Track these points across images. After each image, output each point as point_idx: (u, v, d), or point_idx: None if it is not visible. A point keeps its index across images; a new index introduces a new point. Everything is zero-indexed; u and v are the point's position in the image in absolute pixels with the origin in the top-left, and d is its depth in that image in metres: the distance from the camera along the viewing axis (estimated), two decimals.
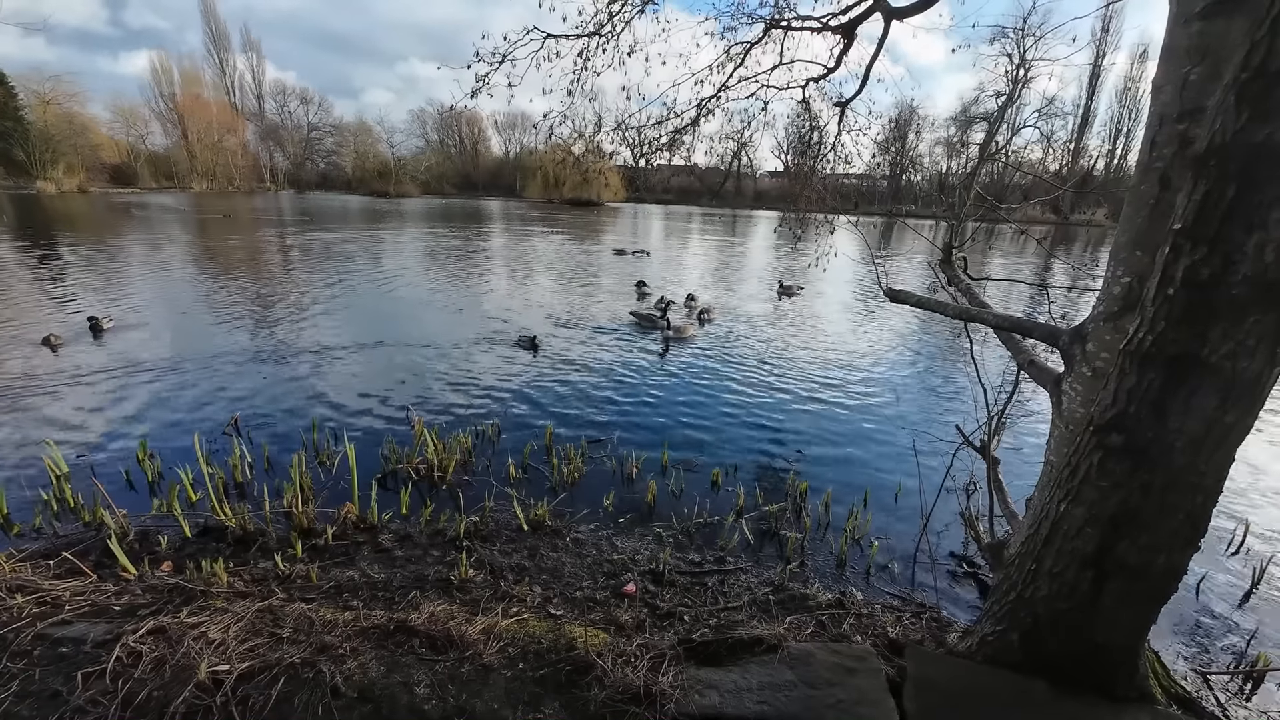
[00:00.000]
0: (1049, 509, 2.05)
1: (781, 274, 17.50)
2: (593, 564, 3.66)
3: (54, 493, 4.19)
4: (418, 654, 2.38)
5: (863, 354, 9.53)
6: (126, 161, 59.11)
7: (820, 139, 6.16)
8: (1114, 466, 1.81)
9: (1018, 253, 25.88)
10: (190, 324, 9.74)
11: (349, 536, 3.83)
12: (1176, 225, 1.58)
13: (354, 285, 13.72)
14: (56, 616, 2.51)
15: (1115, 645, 2.06)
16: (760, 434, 6.16)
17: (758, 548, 4.09)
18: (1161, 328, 1.64)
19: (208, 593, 2.86)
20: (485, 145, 75.45)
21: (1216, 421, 1.63)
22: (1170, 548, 1.85)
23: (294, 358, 8.07)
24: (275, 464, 5.01)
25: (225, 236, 23.21)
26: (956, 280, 3.86)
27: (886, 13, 4.54)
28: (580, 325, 10.61)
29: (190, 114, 60.49)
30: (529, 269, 17.54)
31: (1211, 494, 1.77)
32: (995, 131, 5.21)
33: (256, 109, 69.26)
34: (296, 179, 69.97)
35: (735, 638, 2.52)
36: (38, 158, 48.65)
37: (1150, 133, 2.06)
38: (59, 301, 10.70)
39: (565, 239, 26.75)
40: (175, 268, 15.27)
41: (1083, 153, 57.45)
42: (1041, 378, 2.69)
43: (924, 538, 4.02)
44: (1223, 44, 1.82)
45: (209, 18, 64.84)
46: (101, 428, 5.61)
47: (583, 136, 6.20)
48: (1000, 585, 2.32)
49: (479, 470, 5.06)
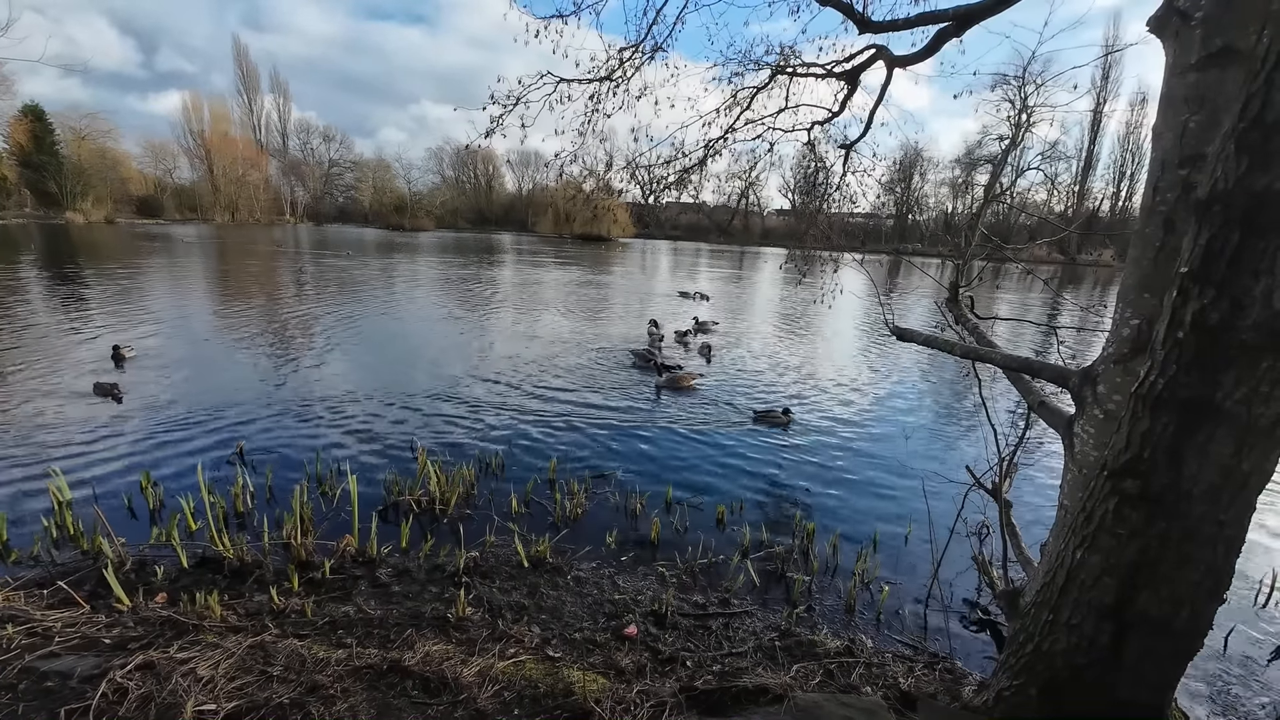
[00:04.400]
0: (1064, 556, 1.98)
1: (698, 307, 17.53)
2: (594, 604, 3.57)
3: (55, 520, 4.18)
4: (410, 696, 2.30)
5: (870, 392, 9.46)
6: (153, 194, 61.21)
7: (826, 179, 6.29)
8: (1130, 513, 1.76)
9: (1025, 292, 25.91)
10: (206, 352, 9.87)
11: (347, 570, 3.77)
12: (1184, 269, 1.57)
13: (380, 314, 13.92)
14: (45, 649, 2.46)
15: (1139, 703, 1.95)
16: (766, 471, 6.06)
17: (763, 589, 3.97)
18: (1173, 371, 1.62)
19: (200, 626, 2.81)
20: (499, 181, 77.66)
21: (1234, 469, 1.58)
22: (1193, 600, 1.77)
23: (303, 387, 8.12)
24: (277, 494, 4.98)
25: (263, 266, 23.75)
26: (963, 319, 3.85)
27: (889, 61, 4.68)
28: (589, 360, 10.64)
29: (217, 150, 62.85)
30: (538, 302, 17.74)
31: (1234, 544, 1.71)
32: (999, 173, 5.29)
33: (280, 145, 71.93)
34: (315, 212, 71.97)
35: (740, 686, 2.43)
36: (69, 190, 50.49)
37: (1153, 178, 2.08)
38: (75, 328, 10.91)
39: (576, 273, 27.11)
40: (192, 295, 15.60)
41: (1087, 194, 58.06)
42: (1053, 420, 2.65)
43: (935, 583, 3.89)
44: (1219, 93, 1.85)
45: (240, 60, 68.07)
46: (107, 454, 5.63)
47: (593, 174, 6.36)
48: (1016, 636, 2.22)
49: (481, 504, 5.00)
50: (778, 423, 7.41)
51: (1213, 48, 1.88)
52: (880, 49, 4.73)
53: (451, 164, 74.18)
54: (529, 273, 26.44)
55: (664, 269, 33.27)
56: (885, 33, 4.45)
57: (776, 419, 7.46)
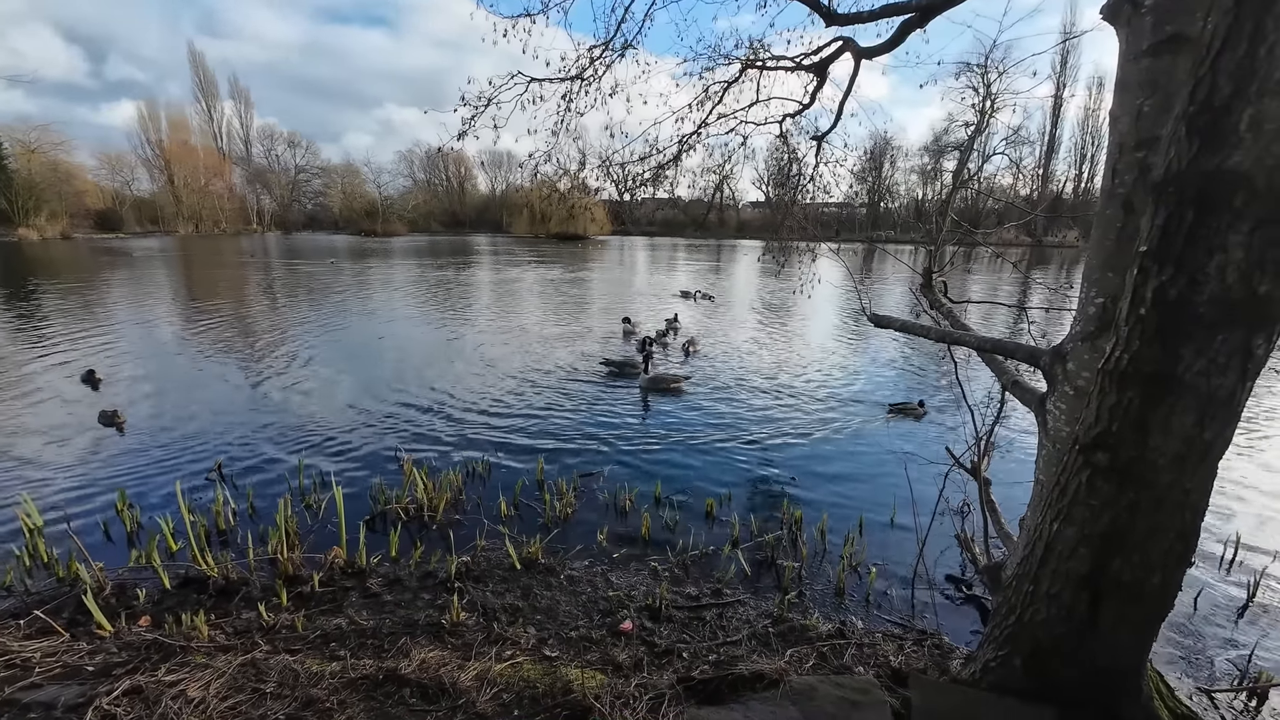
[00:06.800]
0: (1042, 530, 2.06)
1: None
2: (588, 602, 3.58)
3: (27, 548, 4.05)
4: (408, 704, 2.29)
5: (850, 380, 9.61)
6: (111, 207, 59.04)
7: (799, 170, 6.35)
8: (1102, 485, 1.83)
9: (996, 275, 26.51)
10: (176, 368, 9.60)
11: (336, 582, 3.72)
12: (1143, 248, 1.64)
13: (357, 322, 13.67)
14: (26, 680, 2.39)
15: (1117, 667, 2.04)
16: (753, 463, 6.14)
17: (755, 578, 4.03)
18: (1136, 347, 1.69)
19: (188, 648, 2.75)
20: (472, 183, 76.63)
21: (1196, 438, 1.66)
22: (1163, 565, 1.85)
23: (280, 400, 7.96)
24: (260, 510, 4.89)
25: (232, 277, 23.12)
26: (938, 304, 3.94)
27: (856, 52, 4.75)
28: (570, 361, 10.61)
29: (177, 159, 60.84)
30: (517, 304, 17.62)
31: (1199, 510, 1.80)
32: (967, 160, 5.42)
33: (244, 153, 69.96)
34: (283, 220, 70.16)
35: (736, 674, 2.47)
36: (20, 206, 48.42)
37: (1111, 160, 2.16)
38: (35, 350, 10.52)
39: (554, 272, 26.96)
40: (159, 312, 15.14)
41: (1051, 178, 59.55)
42: (1026, 398, 2.74)
43: (921, 562, 3.99)
44: (1171, 78, 1.93)
45: (197, 67, 65.91)
46: (79, 478, 5.45)
47: (568, 173, 6.34)
48: (999, 609, 2.30)
49: (470, 508, 4.97)
50: (913, 414, 7.54)
51: (1163, 34, 1.96)
52: (847, 41, 4.79)
53: (422, 167, 73.01)
54: (507, 273, 26.21)
55: (642, 265, 33.26)
56: (852, 25, 4.51)
57: (911, 410, 7.59)
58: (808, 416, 7.60)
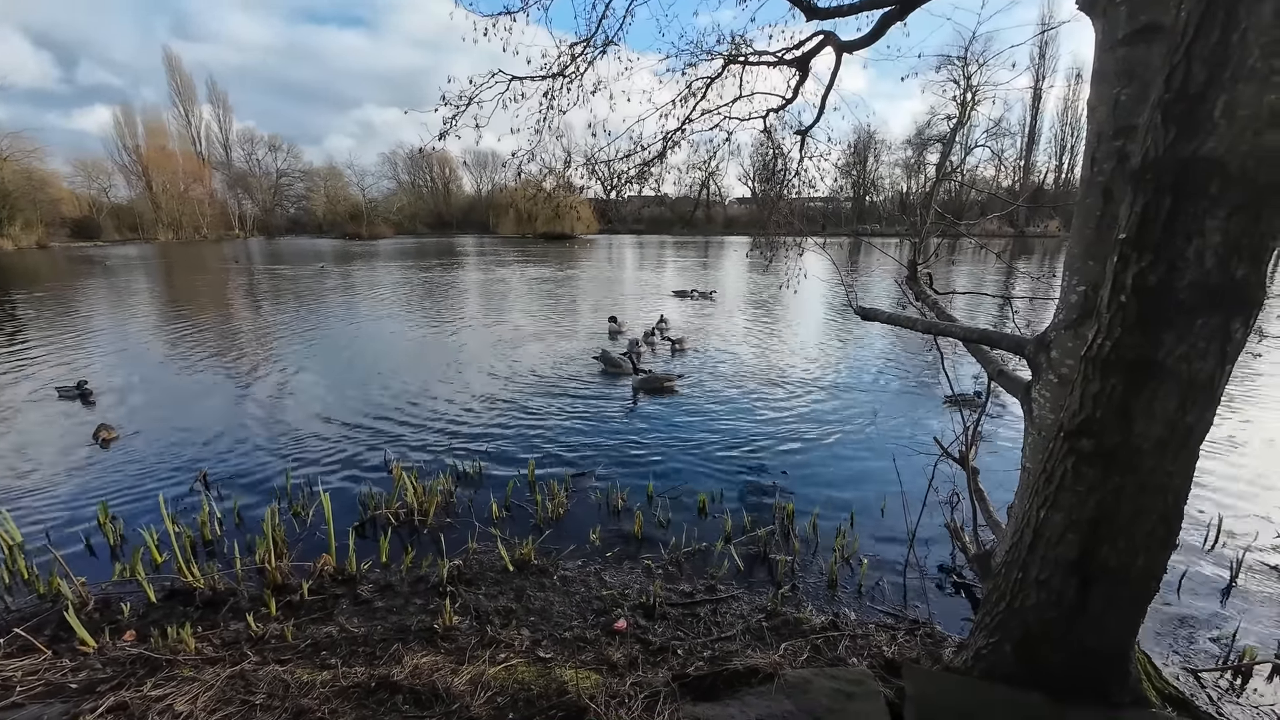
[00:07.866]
0: (1029, 516, 2.08)
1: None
2: (581, 601, 3.57)
3: (6, 564, 3.96)
4: (401, 711, 2.27)
5: (839, 373, 9.67)
6: (89, 215, 57.90)
7: (784, 165, 6.35)
8: (1087, 471, 1.85)
9: (980, 266, 26.79)
10: (157, 377, 9.44)
11: (326, 590, 3.68)
12: (1122, 235, 1.65)
13: (342, 326, 13.51)
14: (6, 700, 2.34)
15: (1106, 651, 2.06)
16: (744, 458, 6.15)
17: (748, 573, 4.04)
18: (1118, 333, 1.70)
19: (174, 661, 2.70)
20: (457, 184, 76.07)
21: (1178, 422, 1.68)
22: (1148, 549, 1.88)
23: (266, 407, 7.85)
24: (246, 519, 4.82)
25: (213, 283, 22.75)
26: (924, 296, 3.97)
27: (837, 46, 4.75)
28: (559, 361, 10.57)
29: (155, 165, 59.80)
30: (505, 305, 17.52)
31: (1181, 494, 1.82)
32: (949, 152, 5.45)
33: (224, 158, 68.90)
34: (266, 225, 69.23)
35: (731, 669, 2.47)
36: None
37: (1090, 149, 2.18)
38: (10, 362, 10.29)
39: (540, 272, 26.84)
40: (139, 320, 14.88)
41: (1032, 169, 60.28)
42: (1012, 387, 2.76)
43: (912, 552, 4.02)
44: (1146, 67, 1.94)
45: (173, 71, 64.82)
46: (58, 492, 5.34)
47: (553, 172, 6.29)
48: (990, 596, 2.32)
49: (461, 511, 4.94)
50: (969, 404, 7.44)
51: (1138, 24, 1.98)
52: (828, 35, 4.80)
53: (406, 168, 72.37)
54: (494, 274, 26.05)
55: (630, 263, 33.21)
56: (832, 18, 4.51)
57: (969, 401, 7.46)
58: (798, 411, 7.64)
